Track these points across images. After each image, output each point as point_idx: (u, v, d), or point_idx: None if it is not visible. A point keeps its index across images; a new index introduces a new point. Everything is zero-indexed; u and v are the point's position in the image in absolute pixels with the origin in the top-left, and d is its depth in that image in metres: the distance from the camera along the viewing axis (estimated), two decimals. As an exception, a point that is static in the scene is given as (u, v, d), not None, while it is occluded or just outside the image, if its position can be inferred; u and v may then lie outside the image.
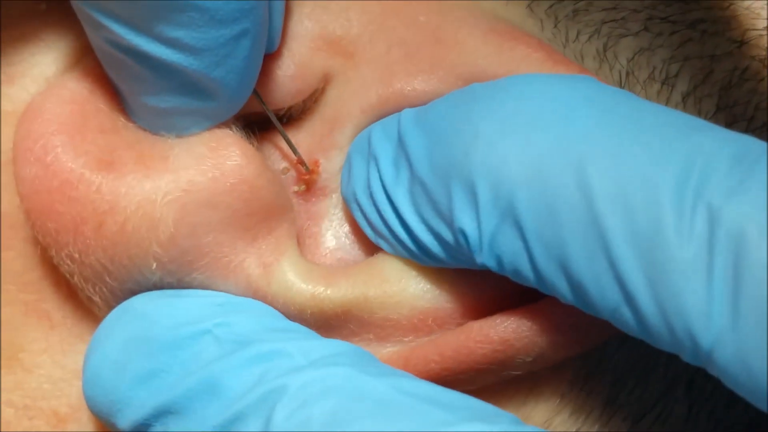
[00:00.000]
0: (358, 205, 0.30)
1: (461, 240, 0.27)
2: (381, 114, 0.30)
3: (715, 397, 0.31)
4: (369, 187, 0.29)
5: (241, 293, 0.29)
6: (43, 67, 0.30)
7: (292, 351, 0.26)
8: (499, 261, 0.27)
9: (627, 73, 0.31)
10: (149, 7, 0.25)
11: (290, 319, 0.29)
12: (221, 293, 0.29)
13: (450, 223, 0.27)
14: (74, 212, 0.28)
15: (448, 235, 0.28)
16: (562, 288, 0.26)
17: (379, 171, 0.29)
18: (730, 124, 0.31)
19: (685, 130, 0.25)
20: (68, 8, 0.27)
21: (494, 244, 0.27)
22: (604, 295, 0.25)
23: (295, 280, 0.29)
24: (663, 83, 0.31)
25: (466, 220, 0.27)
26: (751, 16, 0.32)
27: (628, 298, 0.25)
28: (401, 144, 0.29)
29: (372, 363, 0.27)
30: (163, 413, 0.26)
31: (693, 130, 0.25)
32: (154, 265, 0.28)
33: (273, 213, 0.29)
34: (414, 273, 0.30)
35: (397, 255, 0.30)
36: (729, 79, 0.31)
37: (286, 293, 0.29)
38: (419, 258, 0.29)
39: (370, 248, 0.31)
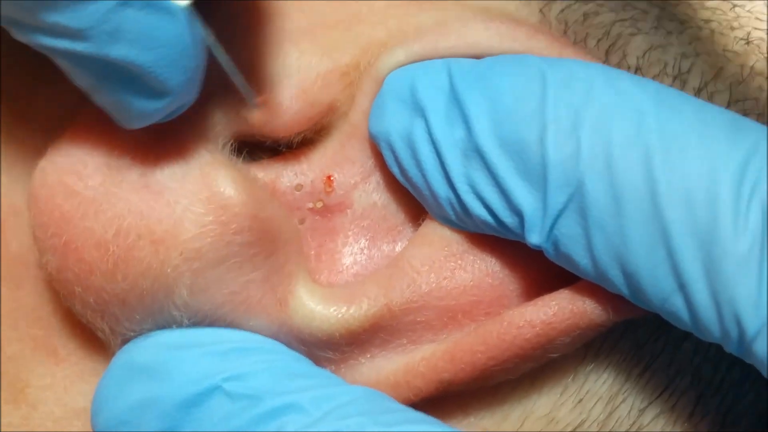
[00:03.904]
0: (391, 147, 0.30)
1: (514, 215, 0.28)
2: None
3: (725, 387, 0.32)
4: (410, 134, 0.29)
5: (267, 330, 0.29)
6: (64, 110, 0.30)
7: (305, 404, 0.26)
8: (555, 244, 0.28)
9: (636, 69, 0.31)
10: None
11: (320, 345, 0.29)
12: (227, 334, 0.29)
13: (506, 197, 0.28)
14: (96, 296, 0.28)
15: (498, 207, 0.28)
16: (614, 276, 0.27)
17: (427, 123, 0.29)
18: None
19: (743, 129, 0.26)
20: None
21: (555, 226, 0.27)
22: (657, 283, 0.26)
23: (316, 308, 0.29)
24: (675, 78, 0.31)
25: (528, 198, 0.27)
26: (754, 17, 0.33)
27: (682, 286, 0.26)
28: (457, 101, 0.28)
29: (386, 408, 0.27)
30: None
31: (750, 129, 0.26)
32: (177, 321, 0.29)
33: (279, 246, 0.29)
34: (433, 276, 0.29)
35: (420, 200, 0.30)
36: (740, 74, 0.31)
37: (311, 323, 0.29)
38: (445, 212, 0.29)
39: (386, 260, 0.31)
